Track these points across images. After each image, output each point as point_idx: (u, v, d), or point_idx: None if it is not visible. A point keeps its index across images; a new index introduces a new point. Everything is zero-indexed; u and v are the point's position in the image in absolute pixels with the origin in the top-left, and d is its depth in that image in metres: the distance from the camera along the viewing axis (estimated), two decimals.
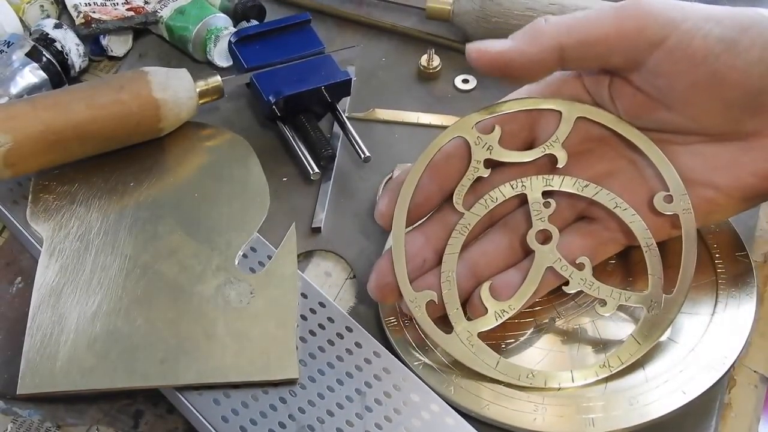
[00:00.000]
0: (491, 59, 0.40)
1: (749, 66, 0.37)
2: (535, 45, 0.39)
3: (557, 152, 0.41)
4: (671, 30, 0.38)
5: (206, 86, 0.51)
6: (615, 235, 0.42)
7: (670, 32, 0.38)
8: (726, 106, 0.38)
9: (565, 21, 0.39)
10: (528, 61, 0.39)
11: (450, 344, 0.41)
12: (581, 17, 0.39)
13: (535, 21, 0.40)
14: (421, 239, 0.42)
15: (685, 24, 0.38)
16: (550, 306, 0.44)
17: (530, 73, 0.40)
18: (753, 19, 0.38)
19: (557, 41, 0.39)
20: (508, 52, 0.39)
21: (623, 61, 0.39)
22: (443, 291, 0.41)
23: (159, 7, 0.59)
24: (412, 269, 0.41)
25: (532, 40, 0.39)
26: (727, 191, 0.40)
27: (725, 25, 0.37)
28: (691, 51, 0.37)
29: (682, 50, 0.38)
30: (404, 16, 0.61)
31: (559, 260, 0.41)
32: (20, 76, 0.53)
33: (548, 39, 0.39)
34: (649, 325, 0.40)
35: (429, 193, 0.42)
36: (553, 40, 0.39)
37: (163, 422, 0.42)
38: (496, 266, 0.42)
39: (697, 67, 0.38)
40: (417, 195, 0.42)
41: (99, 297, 0.43)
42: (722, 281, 0.43)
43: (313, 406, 0.40)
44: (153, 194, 0.48)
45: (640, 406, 0.39)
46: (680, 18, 0.38)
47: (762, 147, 0.39)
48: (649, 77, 0.39)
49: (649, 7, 0.38)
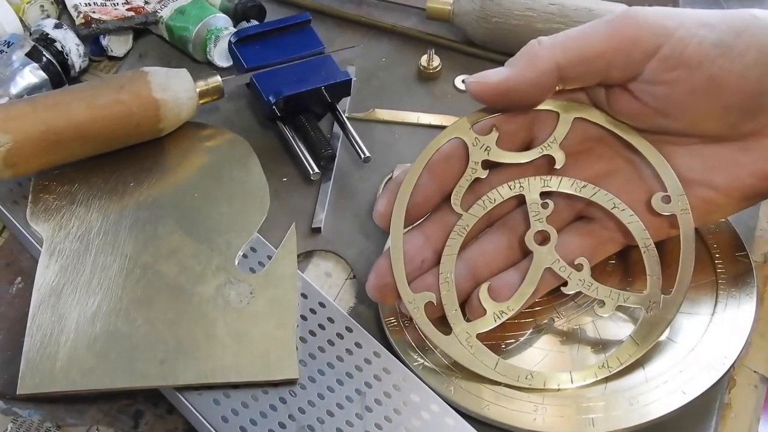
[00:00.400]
0: (492, 90, 0.39)
1: (745, 69, 0.37)
2: (533, 69, 0.39)
3: (555, 153, 0.42)
4: (665, 38, 0.38)
5: (206, 86, 0.51)
6: (614, 234, 0.42)
7: (664, 41, 0.38)
8: (724, 111, 0.38)
9: (559, 40, 0.39)
10: (528, 86, 0.39)
11: (449, 345, 0.41)
12: (574, 35, 0.39)
13: (528, 44, 0.39)
14: (421, 239, 0.42)
15: (679, 31, 0.37)
16: (549, 306, 0.44)
17: (532, 98, 0.40)
18: (746, 22, 0.38)
19: (554, 62, 0.39)
20: (507, 81, 0.39)
21: (621, 74, 0.39)
22: (442, 292, 0.41)
23: (159, 7, 0.59)
24: (412, 269, 0.41)
25: (529, 64, 0.39)
26: (726, 191, 0.40)
27: (719, 29, 0.37)
28: (686, 58, 0.37)
29: (676, 58, 0.37)
30: (404, 16, 0.61)
31: (557, 261, 0.41)
32: (20, 76, 0.53)
33: (545, 61, 0.39)
34: (647, 325, 0.40)
35: (429, 193, 0.42)
36: (550, 61, 0.39)
37: (163, 422, 0.42)
38: (496, 266, 0.42)
39: (694, 73, 0.37)
40: (417, 194, 0.42)
41: (99, 297, 0.43)
42: (722, 281, 0.43)
43: (313, 407, 0.40)
44: (153, 194, 0.48)
45: (640, 406, 0.39)
46: (673, 26, 0.38)
47: (760, 147, 0.39)
48: (646, 86, 0.39)
49: (642, 17, 0.38)
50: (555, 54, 0.39)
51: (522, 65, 0.39)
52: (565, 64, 0.39)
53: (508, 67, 0.39)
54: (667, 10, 0.39)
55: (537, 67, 0.39)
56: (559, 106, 0.42)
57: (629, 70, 0.39)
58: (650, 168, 0.41)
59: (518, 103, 0.41)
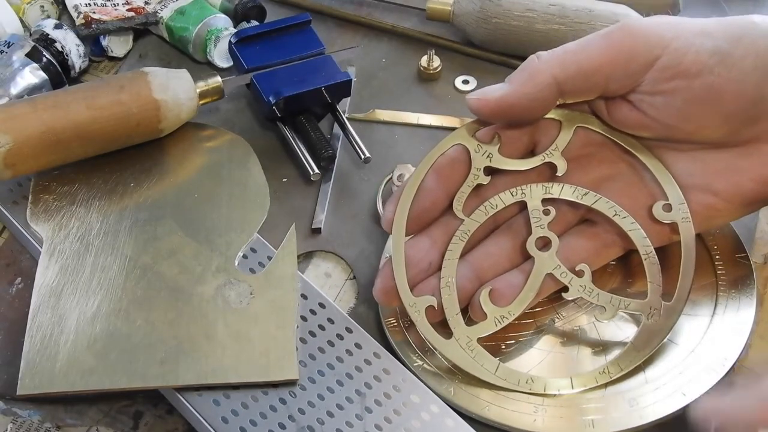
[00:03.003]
0: (493, 107, 0.40)
1: (744, 76, 0.37)
2: (532, 85, 0.39)
3: (557, 161, 0.42)
4: (662, 49, 0.38)
5: (206, 87, 0.51)
6: (616, 238, 0.42)
7: (661, 51, 0.38)
8: (724, 119, 0.38)
9: (557, 55, 0.39)
10: (528, 102, 0.39)
11: (449, 349, 0.41)
12: (572, 49, 0.39)
13: (528, 59, 0.40)
14: (427, 243, 0.42)
15: (676, 41, 0.38)
16: (550, 307, 0.44)
17: (532, 113, 0.41)
18: (744, 29, 0.38)
19: (552, 77, 0.39)
20: (507, 97, 0.39)
21: (619, 86, 0.39)
22: (443, 296, 0.41)
23: (159, 7, 0.59)
24: (419, 272, 0.41)
25: (528, 79, 0.39)
26: (727, 197, 0.40)
27: (717, 37, 0.37)
28: (684, 67, 0.37)
29: (674, 68, 0.38)
30: (405, 16, 0.61)
31: (558, 267, 0.41)
32: (20, 77, 0.53)
33: (543, 76, 0.39)
34: (647, 332, 0.40)
35: (436, 198, 0.42)
36: (549, 76, 0.39)
37: (163, 423, 0.42)
38: (500, 269, 0.42)
39: (692, 82, 0.38)
40: (424, 199, 0.42)
41: (99, 298, 0.43)
42: (722, 283, 0.43)
43: (312, 407, 0.40)
44: (153, 195, 0.48)
45: (640, 408, 0.39)
46: (671, 36, 0.38)
47: (760, 153, 0.39)
48: (645, 97, 0.39)
49: (638, 29, 0.38)
50: (553, 69, 0.39)
51: (521, 81, 0.39)
52: (564, 79, 0.39)
53: (507, 83, 0.40)
54: (665, 20, 0.39)
55: (536, 82, 0.39)
56: (562, 115, 0.42)
57: (628, 82, 0.39)
58: (652, 173, 0.41)
59: (519, 118, 0.41)
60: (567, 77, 0.39)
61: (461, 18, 0.57)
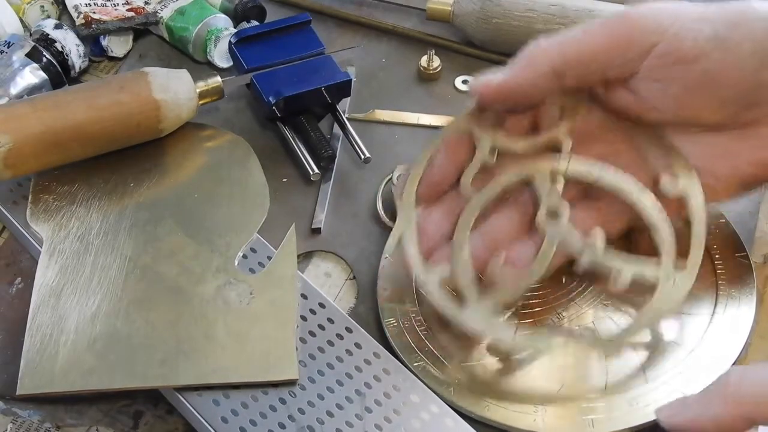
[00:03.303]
0: (494, 92, 0.40)
1: (742, 61, 0.37)
2: (532, 71, 0.39)
3: (562, 138, 0.41)
4: (660, 35, 0.38)
5: (206, 87, 0.51)
6: (622, 209, 0.42)
7: (658, 38, 0.38)
8: (722, 104, 0.38)
9: (557, 42, 0.39)
10: (528, 88, 0.40)
11: (464, 318, 0.40)
12: (571, 36, 0.39)
13: (528, 45, 0.40)
14: (439, 215, 0.42)
15: (674, 27, 0.38)
16: (550, 307, 0.44)
17: (532, 99, 0.41)
18: (743, 13, 0.38)
19: (552, 64, 0.39)
20: (508, 82, 0.40)
21: (618, 73, 0.39)
22: (455, 267, 0.41)
23: (159, 7, 0.59)
24: (431, 242, 0.42)
25: (528, 66, 0.40)
26: (725, 179, 0.40)
27: (715, 22, 0.37)
28: (682, 53, 0.38)
29: (672, 54, 0.38)
30: (405, 17, 0.61)
31: (570, 233, 0.40)
32: (20, 77, 0.53)
33: (543, 63, 0.39)
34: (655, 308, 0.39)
35: (446, 172, 0.42)
36: (548, 63, 0.39)
37: (163, 423, 0.42)
38: (513, 239, 0.42)
39: (690, 68, 0.38)
40: (435, 174, 0.42)
41: (99, 298, 0.43)
42: (722, 282, 0.43)
43: (312, 407, 0.40)
44: (153, 195, 0.48)
45: (640, 407, 0.39)
46: (669, 22, 0.38)
47: (758, 136, 0.39)
48: (643, 83, 0.39)
49: (636, 16, 0.38)
50: (553, 55, 0.39)
51: (521, 67, 0.40)
52: (563, 66, 0.39)
53: (508, 69, 0.40)
54: (664, 6, 0.39)
55: (536, 68, 0.39)
56: (561, 101, 0.42)
57: (626, 68, 0.39)
58: (654, 151, 0.41)
59: (519, 104, 0.41)
60: (566, 63, 0.39)
61: (461, 18, 0.57)
